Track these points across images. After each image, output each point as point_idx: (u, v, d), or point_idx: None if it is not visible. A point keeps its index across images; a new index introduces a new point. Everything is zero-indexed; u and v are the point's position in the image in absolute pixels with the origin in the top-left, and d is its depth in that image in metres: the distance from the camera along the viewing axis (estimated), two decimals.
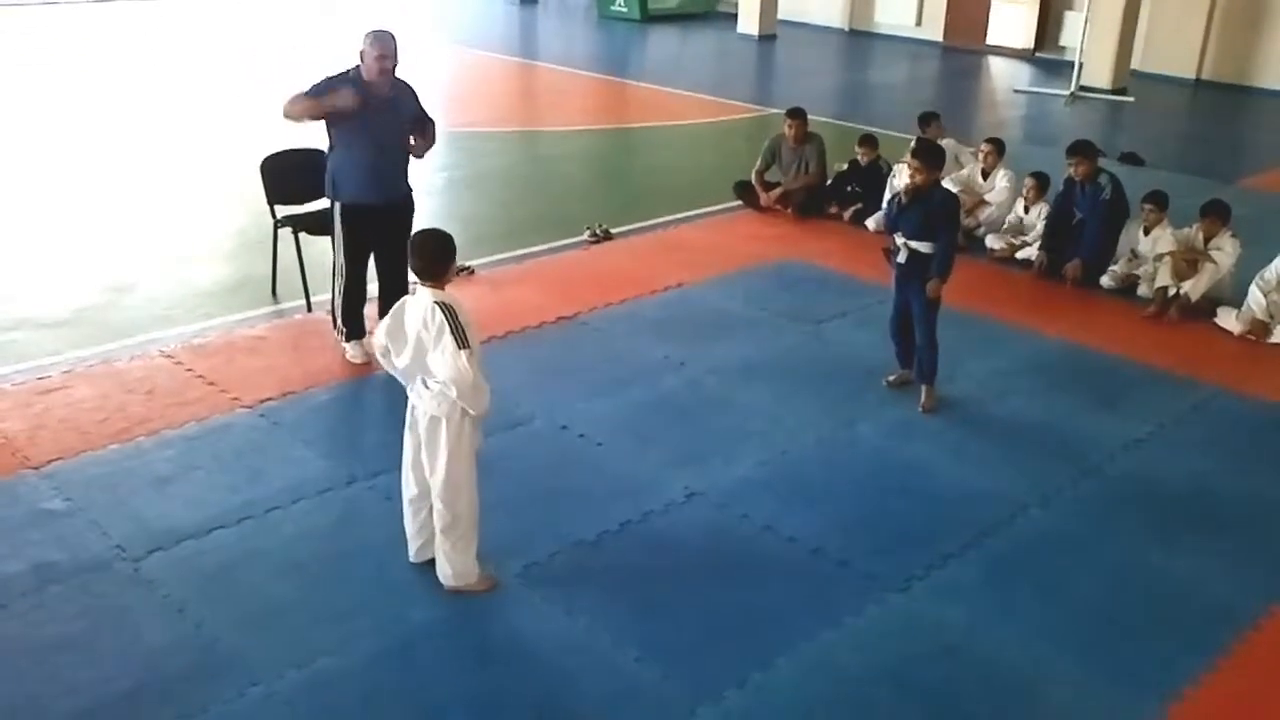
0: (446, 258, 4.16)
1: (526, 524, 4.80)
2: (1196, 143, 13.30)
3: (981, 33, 18.47)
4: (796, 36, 19.35)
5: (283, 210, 7.09)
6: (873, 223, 8.67)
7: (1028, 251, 8.23)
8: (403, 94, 6.07)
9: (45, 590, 4.33)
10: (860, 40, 19.52)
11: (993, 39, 18.38)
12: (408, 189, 6.21)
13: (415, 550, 4.48)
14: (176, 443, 5.41)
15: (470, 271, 7.58)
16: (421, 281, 4.14)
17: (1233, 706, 3.99)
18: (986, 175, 8.88)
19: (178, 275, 7.62)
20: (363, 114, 5.84)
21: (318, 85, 5.86)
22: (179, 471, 5.16)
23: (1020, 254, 8.29)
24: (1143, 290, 7.66)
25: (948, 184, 7.53)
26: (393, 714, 3.78)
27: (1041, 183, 8.45)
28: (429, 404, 4.14)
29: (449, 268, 4.18)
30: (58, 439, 5.40)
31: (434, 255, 4.13)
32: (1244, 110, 15.21)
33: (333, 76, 5.88)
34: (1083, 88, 15.08)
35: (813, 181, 9.29)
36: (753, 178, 9.45)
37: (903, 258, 5.88)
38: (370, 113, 5.86)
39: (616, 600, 4.38)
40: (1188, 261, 7.45)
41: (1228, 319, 7.23)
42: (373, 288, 6.37)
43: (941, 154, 6.04)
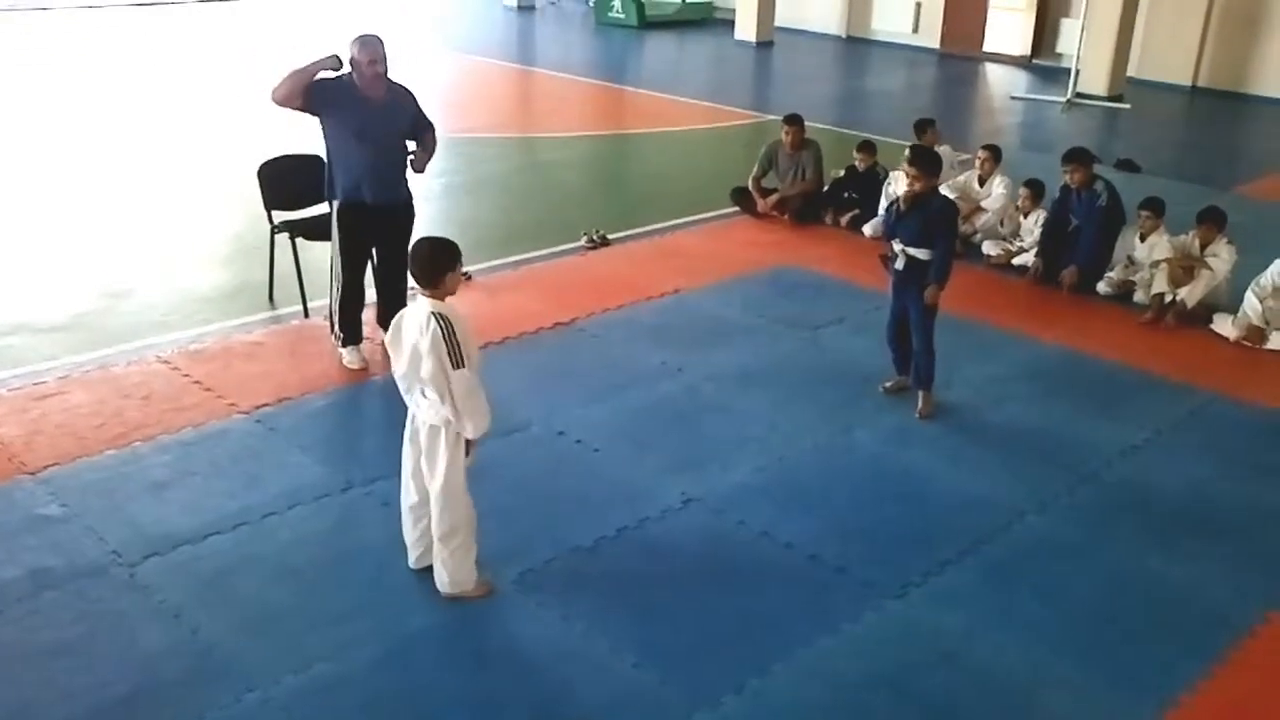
0: (444, 265, 4.09)
1: (523, 530, 4.80)
2: (1193, 150, 13.33)
3: (978, 40, 18.51)
4: (794, 43, 19.39)
5: (280, 216, 7.08)
6: (870, 229, 8.68)
7: (1024, 258, 8.25)
8: (400, 98, 6.06)
9: (41, 596, 4.33)
10: (857, 47, 19.56)
11: (989, 46, 18.42)
12: (407, 193, 6.20)
13: (415, 558, 4.49)
14: (173, 448, 5.40)
15: (468, 277, 7.58)
16: (420, 290, 4.13)
17: (1230, 712, 3.99)
18: (983, 182, 8.89)
19: (175, 281, 7.62)
20: (358, 117, 5.84)
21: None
22: (175, 477, 5.16)
23: (1017, 260, 8.31)
24: (1139, 297, 7.68)
25: (944, 191, 7.54)
26: (390, 719, 3.79)
27: (1036, 191, 8.46)
28: (428, 413, 4.14)
29: (447, 276, 4.09)
30: (54, 444, 5.39)
31: (431, 262, 4.08)
32: (1240, 117, 15.25)
33: (322, 76, 5.83)
34: (1079, 95, 15.11)
35: (810, 188, 9.30)
36: (750, 184, 9.46)
37: (900, 265, 5.89)
38: (366, 116, 5.86)
39: (614, 606, 4.38)
40: (1184, 268, 7.46)
41: (1224, 325, 7.24)
42: (371, 294, 6.38)
43: (939, 160, 6.06)
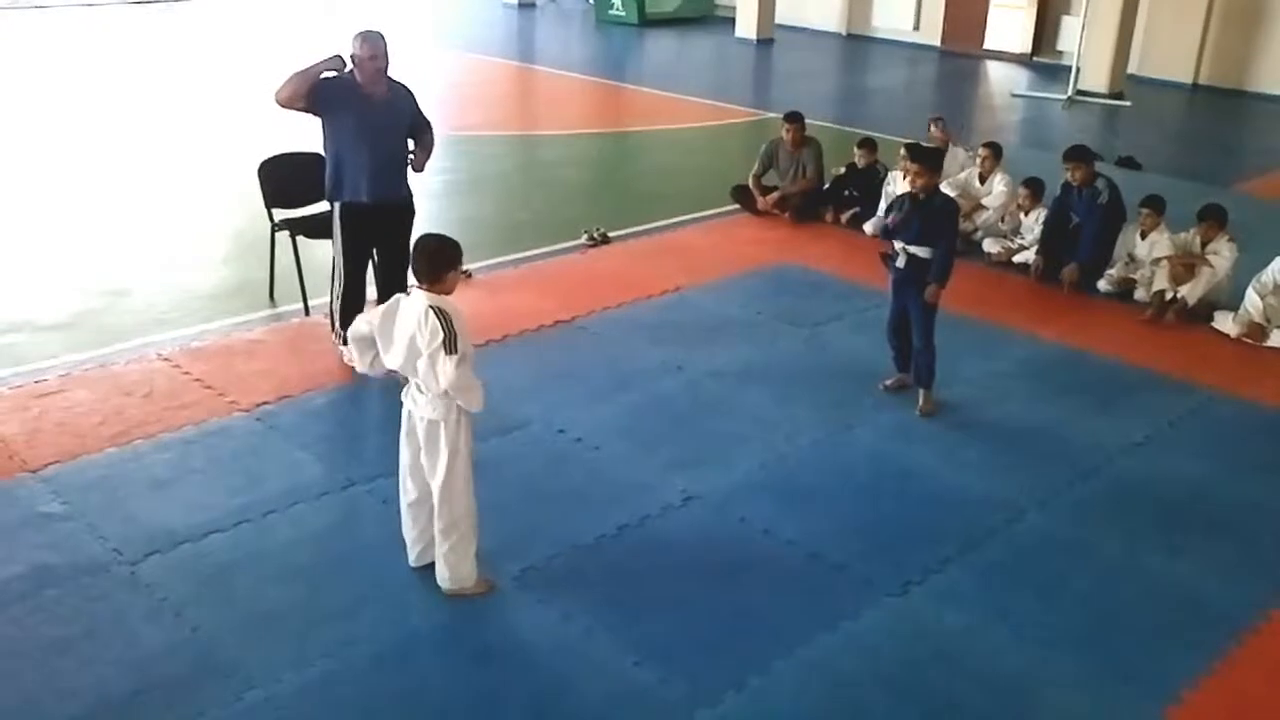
0: (447, 262, 4.14)
1: (524, 527, 4.80)
2: (1194, 147, 13.32)
3: (979, 37, 18.50)
4: (794, 40, 19.37)
5: (280, 214, 7.08)
6: (870, 226, 8.67)
7: (1025, 255, 8.25)
8: (400, 96, 6.06)
9: (42, 593, 4.33)
10: (858, 44, 19.54)
11: (990, 43, 18.41)
12: (408, 191, 6.19)
13: (415, 555, 4.49)
14: (174, 446, 5.40)
15: (468, 275, 7.58)
16: (419, 284, 4.13)
17: (1230, 710, 3.99)
18: (984, 180, 8.89)
19: (175, 279, 7.62)
20: (359, 115, 5.84)
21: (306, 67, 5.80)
22: (176, 475, 5.16)
23: (1017, 258, 8.31)
24: (1140, 294, 7.68)
25: (945, 188, 7.54)
26: (391, 717, 3.78)
27: (1035, 190, 8.45)
28: (425, 409, 4.14)
29: (449, 273, 4.15)
30: (55, 442, 5.39)
31: (435, 258, 4.12)
32: (1241, 115, 15.24)
33: (325, 76, 5.85)
34: (1080, 92, 15.10)
35: (810, 186, 9.30)
36: (750, 182, 9.45)
37: (901, 263, 5.89)
38: (368, 114, 5.86)
39: (614, 604, 4.38)
40: (1185, 265, 7.46)
41: (1225, 323, 7.24)
42: (372, 291, 6.37)
43: (940, 157, 6.05)
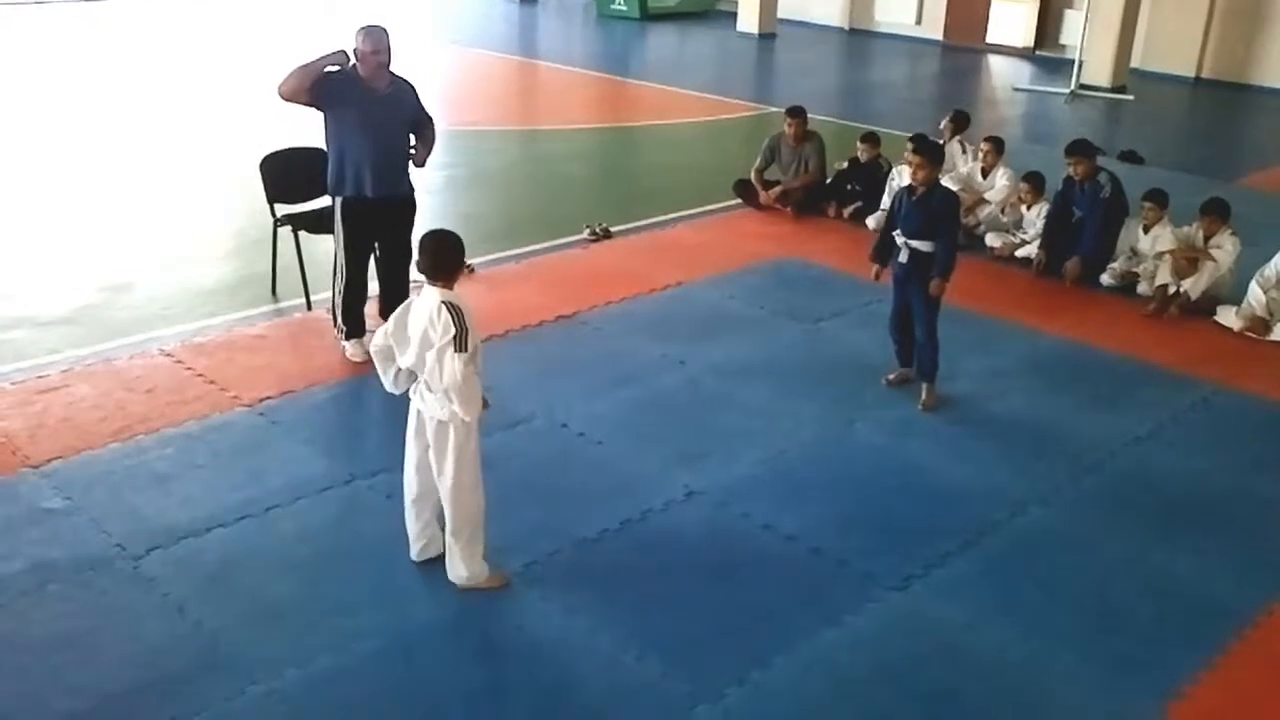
0: (456, 259, 4.16)
1: (527, 522, 4.80)
2: (1196, 141, 13.30)
3: (982, 31, 18.49)
4: (796, 35, 19.35)
5: (282, 209, 7.08)
6: (873, 221, 8.65)
7: (1027, 250, 8.24)
8: (402, 91, 6.06)
9: (45, 589, 4.34)
10: (860, 39, 19.52)
11: (993, 37, 18.40)
12: (409, 186, 6.20)
13: (417, 550, 4.49)
14: (176, 441, 5.41)
15: (470, 270, 7.57)
16: (429, 281, 4.13)
17: (1232, 704, 3.99)
18: (986, 174, 8.88)
19: (177, 274, 7.62)
20: (362, 109, 5.84)
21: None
22: (178, 470, 5.16)
23: (1020, 252, 8.30)
24: (1142, 288, 7.67)
25: (947, 182, 7.53)
26: (393, 712, 3.79)
27: (1036, 184, 8.44)
28: (434, 408, 4.14)
29: (458, 269, 4.17)
30: (57, 437, 5.40)
31: (444, 255, 4.12)
32: (1244, 108, 15.22)
33: (328, 71, 5.86)
34: (1083, 86, 15.08)
35: (812, 180, 9.29)
36: (752, 176, 9.45)
37: (904, 257, 5.88)
38: (370, 109, 5.86)
39: (616, 598, 4.38)
40: (1188, 259, 7.45)
41: (1227, 317, 7.23)
42: (373, 286, 6.38)
43: (941, 150, 6.04)
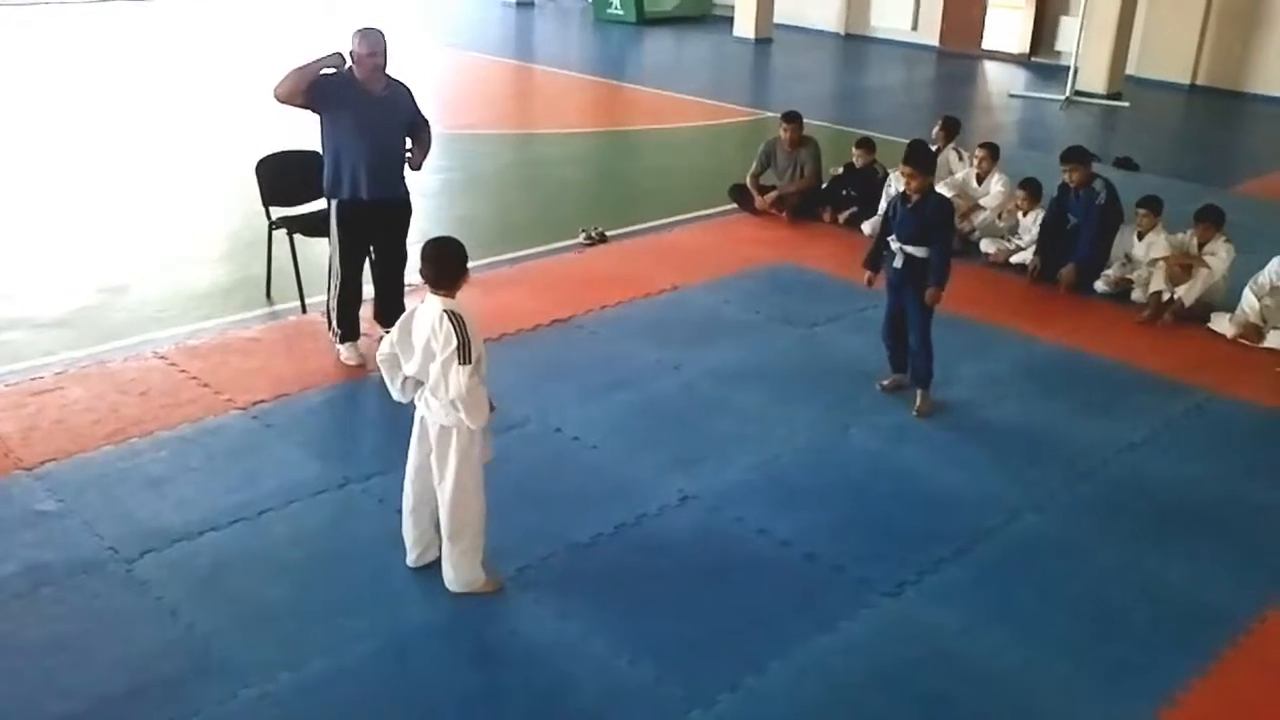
0: (459, 267, 4.13)
1: (521, 526, 4.80)
2: (1191, 148, 13.33)
3: (977, 37, 18.52)
4: (792, 40, 19.38)
5: (278, 212, 7.08)
6: (868, 226, 8.67)
7: (1022, 256, 8.25)
8: (398, 93, 6.06)
9: (38, 591, 4.33)
10: (856, 44, 19.55)
11: (988, 44, 18.44)
12: (405, 190, 6.20)
13: (414, 557, 4.49)
14: (170, 444, 5.40)
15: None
16: (433, 290, 4.12)
17: (1226, 711, 3.99)
18: (981, 180, 8.89)
19: (172, 276, 7.61)
20: (358, 112, 5.84)
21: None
22: (172, 473, 5.16)
23: (1014, 259, 8.32)
24: (1137, 295, 7.68)
25: (941, 188, 7.54)
26: (386, 715, 3.78)
27: (1033, 192, 8.45)
28: (438, 414, 4.14)
29: (461, 277, 4.14)
30: (50, 440, 5.39)
31: (447, 264, 4.11)
32: (1238, 116, 15.26)
33: (324, 73, 5.85)
34: (1078, 92, 15.11)
35: (808, 185, 9.30)
36: (748, 181, 9.45)
37: (899, 263, 5.89)
38: (366, 111, 5.86)
39: (610, 603, 4.38)
40: (1182, 266, 7.47)
41: (1221, 323, 7.25)
42: (368, 289, 6.37)
43: (934, 158, 6.06)
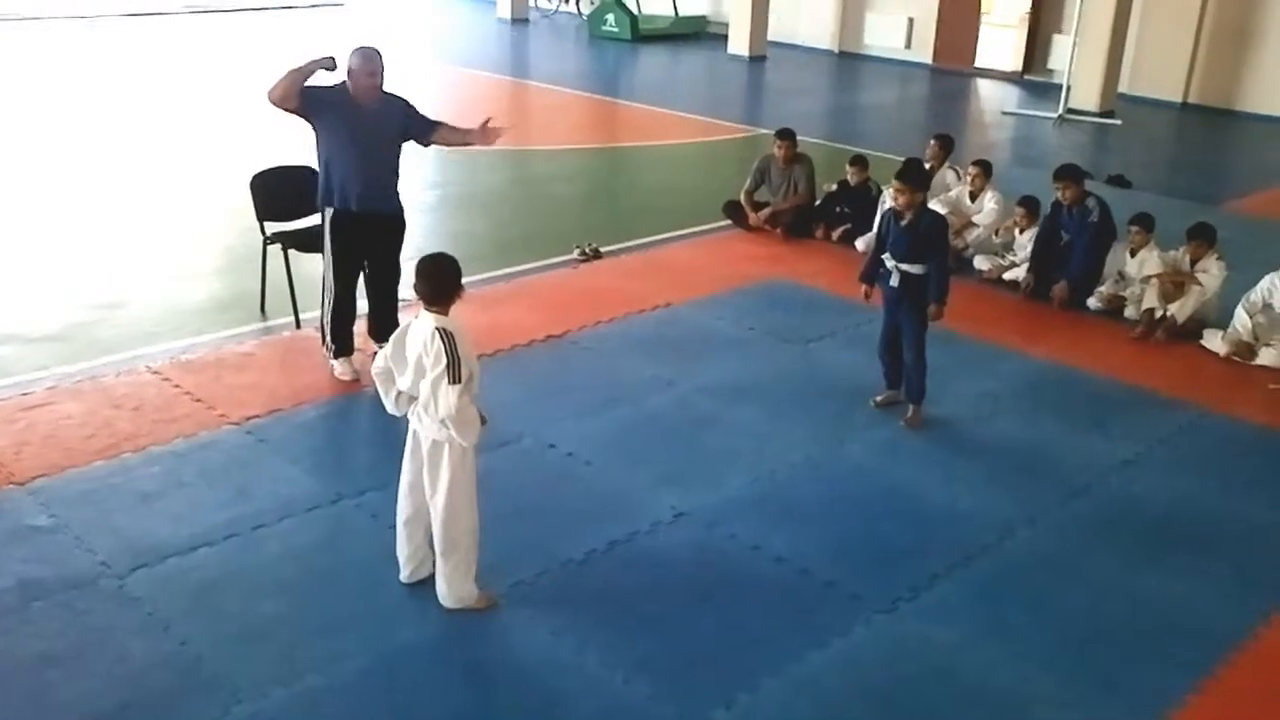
0: (453, 284, 4.14)
1: (514, 543, 4.79)
2: (1183, 166, 13.39)
3: (970, 55, 18.60)
4: (786, 58, 19.44)
5: (272, 227, 7.08)
6: (862, 243, 8.69)
7: (1015, 273, 8.28)
8: (392, 107, 6.08)
9: (29, 607, 4.31)
10: (850, 62, 19.62)
11: (981, 61, 18.52)
12: (399, 204, 6.22)
13: (408, 573, 4.48)
14: (163, 459, 5.39)
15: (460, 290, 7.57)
16: (427, 306, 4.12)
17: None
18: (974, 197, 8.92)
19: (166, 292, 7.60)
20: (350, 124, 5.86)
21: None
22: (165, 488, 5.14)
23: (1007, 275, 8.34)
24: (1129, 312, 7.70)
25: (935, 205, 7.56)
26: None
27: (1031, 208, 8.46)
28: (431, 429, 4.14)
29: (455, 293, 4.15)
30: (43, 455, 5.37)
31: (441, 280, 4.11)
32: (1230, 134, 15.34)
33: (319, 87, 5.88)
34: (1070, 110, 15.17)
35: (802, 202, 9.33)
36: (742, 198, 9.48)
37: (894, 280, 5.91)
38: (359, 123, 5.89)
39: (604, 620, 4.38)
40: (1174, 284, 7.49)
41: (1213, 341, 7.27)
42: (362, 305, 6.37)
43: (926, 175, 6.08)
